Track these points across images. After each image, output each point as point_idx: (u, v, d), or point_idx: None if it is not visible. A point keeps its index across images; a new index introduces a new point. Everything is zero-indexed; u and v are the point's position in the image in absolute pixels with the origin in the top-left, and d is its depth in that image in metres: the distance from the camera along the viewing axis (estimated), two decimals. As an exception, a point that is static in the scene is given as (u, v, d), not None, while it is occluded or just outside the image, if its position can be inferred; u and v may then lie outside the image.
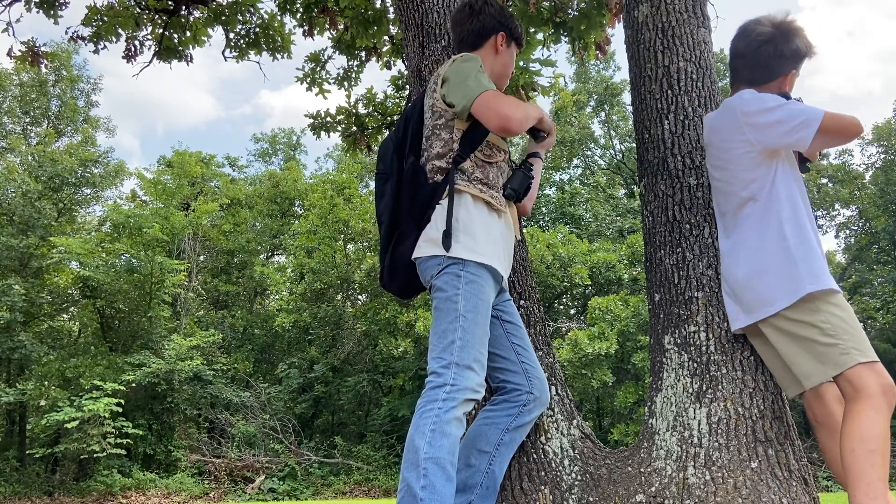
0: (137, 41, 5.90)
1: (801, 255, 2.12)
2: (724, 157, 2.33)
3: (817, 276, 2.09)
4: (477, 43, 2.39)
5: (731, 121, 2.29)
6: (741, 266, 2.23)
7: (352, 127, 6.47)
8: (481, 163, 2.24)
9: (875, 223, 21.04)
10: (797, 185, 2.25)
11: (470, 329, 2.04)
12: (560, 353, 14.72)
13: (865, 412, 1.95)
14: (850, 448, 1.93)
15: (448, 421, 1.95)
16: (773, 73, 2.34)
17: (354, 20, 5.58)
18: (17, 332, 16.73)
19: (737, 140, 2.26)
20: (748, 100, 2.25)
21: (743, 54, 2.38)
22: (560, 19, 5.28)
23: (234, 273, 23.91)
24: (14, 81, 20.54)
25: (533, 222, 22.84)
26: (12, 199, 17.97)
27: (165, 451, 17.06)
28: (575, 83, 25.06)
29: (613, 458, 2.40)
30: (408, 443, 1.97)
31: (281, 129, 33.04)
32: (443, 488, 1.89)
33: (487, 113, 2.12)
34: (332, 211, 19.27)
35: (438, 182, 2.20)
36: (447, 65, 2.27)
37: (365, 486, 16.03)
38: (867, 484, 1.89)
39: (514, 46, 2.46)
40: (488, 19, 2.38)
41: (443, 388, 1.99)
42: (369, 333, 18.90)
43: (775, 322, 2.15)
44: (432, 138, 2.25)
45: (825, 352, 2.04)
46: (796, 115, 2.12)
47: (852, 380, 1.99)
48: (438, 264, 2.12)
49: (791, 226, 2.15)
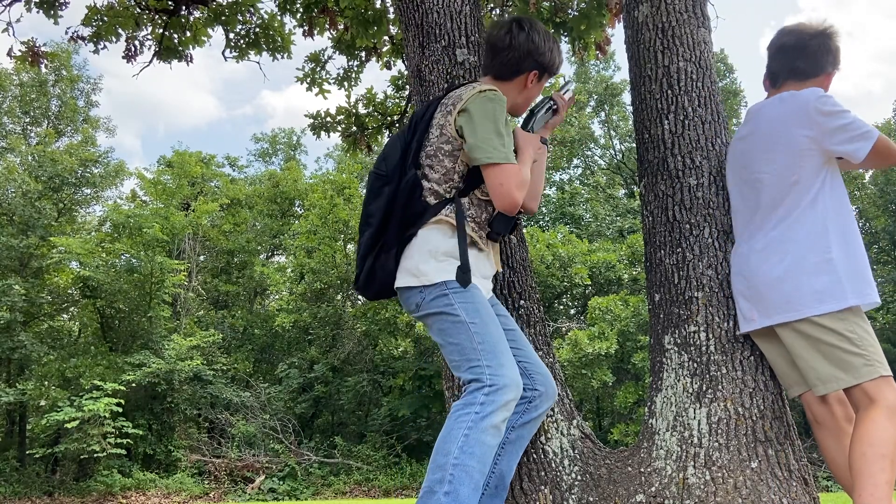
0: (137, 41, 5.90)
1: (844, 265, 2.11)
2: (777, 148, 2.26)
3: (861, 294, 2.10)
4: (507, 76, 2.29)
5: (800, 113, 2.23)
6: (775, 265, 2.19)
7: (352, 127, 6.48)
8: (478, 200, 2.21)
9: (875, 223, 21.04)
10: (844, 195, 2.24)
11: (484, 330, 2.02)
12: (560, 353, 14.72)
13: (879, 419, 1.97)
14: (862, 451, 1.95)
15: (484, 429, 1.90)
16: (819, 66, 2.35)
17: (354, 20, 5.58)
18: (17, 332, 16.73)
19: (799, 134, 2.21)
20: (824, 97, 2.22)
21: (791, 47, 2.37)
22: (560, 19, 5.28)
23: (234, 273, 23.91)
24: (14, 81, 20.54)
25: (533, 222, 22.84)
26: (12, 199, 17.98)
27: (165, 451, 17.06)
28: (575, 83, 25.07)
29: (613, 458, 2.40)
30: (438, 444, 1.93)
31: (281, 129, 33.06)
32: (466, 497, 1.84)
33: (499, 189, 2.07)
34: (332, 211, 19.27)
35: (429, 204, 2.17)
36: (471, 95, 2.16)
37: (365, 486, 16.03)
38: (874, 485, 1.91)
39: (542, 83, 2.36)
40: (525, 56, 2.25)
41: (481, 391, 1.94)
42: (369, 333, 18.90)
43: (799, 326, 2.13)
44: (434, 159, 2.20)
45: (850, 360, 2.05)
46: (861, 126, 2.15)
47: (870, 391, 2.01)
48: (420, 297, 2.10)
49: (837, 235, 2.14)
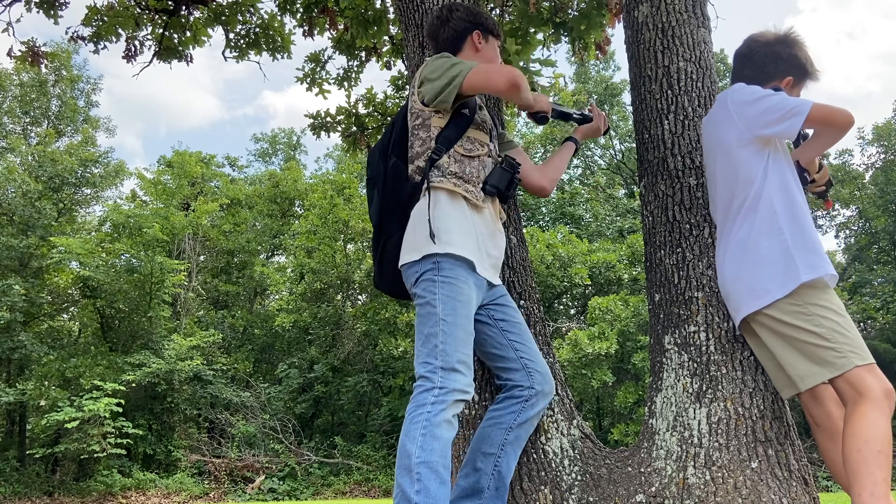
0: (137, 41, 5.91)
1: (797, 245, 2.11)
2: (716, 152, 2.34)
3: (813, 267, 2.08)
4: (456, 47, 2.42)
5: (724, 113, 2.31)
6: (737, 263, 2.21)
7: (352, 127, 6.48)
8: (460, 157, 2.24)
9: (875, 223, 21.05)
10: (791, 174, 2.24)
11: (451, 332, 2.05)
12: (560, 353, 14.72)
13: (870, 413, 1.95)
14: (857, 449, 1.93)
15: (438, 424, 1.95)
16: (766, 74, 2.37)
17: (354, 20, 5.58)
18: (17, 332, 16.72)
19: (729, 132, 2.27)
20: (738, 90, 2.29)
21: (740, 54, 2.45)
22: (560, 19, 5.27)
23: (234, 273, 23.90)
24: (14, 81, 20.53)
25: (533, 222, 22.84)
26: (12, 199, 17.97)
27: (165, 451, 17.07)
28: (575, 83, 25.07)
29: (613, 458, 2.40)
30: (399, 448, 1.98)
31: (281, 130, 33.08)
32: (436, 491, 1.89)
33: (487, 78, 2.14)
34: (332, 211, 19.27)
35: (418, 182, 2.23)
36: (424, 65, 2.29)
37: (365, 486, 16.03)
38: (873, 483, 1.89)
39: (493, 39, 2.48)
40: (459, 23, 2.41)
41: (431, 392, 1.99)
42: (369, 333, 18.90)
43: (768, 323, 2.14)
44: (412, 139, 2.28)
45: (822, 354, 2.04)
46: (784, 104, 2.14)
47: (854, 382, 1.99)
48: (416, 272, 2.14)
49: (786, 216, 2.14)
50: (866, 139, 22.06)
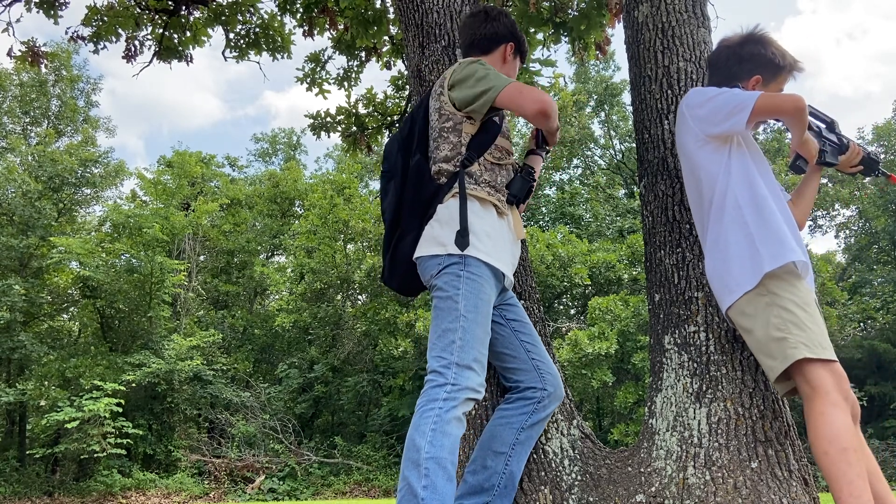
0: (137, 41, 5.91)
1: (761, 236, 2.10)
2: (682, 157, 2.36)
3: (775, 256, 2.07)
4: (488, 48, 2.41)
5: (681, 119, 2.35)
6: (710, 261, 2.24)
7: (352, 127, 6.48)
8: (490, 165, 2.24)
9: (875, 223, 21.06)
10: (758, 166, 2.24)
11: (470, 329, 2.04)
12: (560, 353, 14.72)
13: (826, 410, 1.91)
14: (824, 451, 1.90)
15: (449, 420, 1.95)
16: (729, 75, 2.37)
17: (354, 20, 5.58)
18: (17, 332, 16.73)
19: (687, 136, 2.30)
20: (690, 94, 2.32)
21: (709, 60, 2.50)
22: (560, 19, 5.28)
23: (234, 273, 23.91)
24: (14, 81, 20.54)
25: (533, 222, 22.84)
26: (12, 199, 17.98)
27: (165, 451, 17.07)
28: (575, 83, 25.07)
29: (613, 458, 2.40)
30: (408, 442, 1.97)
31: (281, 130, 33.10)
32: (444, 488, 1.89)
33: (520, 99, 2.12)
34: (332, 211, 19.27)
35: (443, 184, 2.20)
36: (456, 68, 2.27)
37: (365, 486, 16.04)
38: (849, 483, 1.87)
39: (518, 60, 2.49)
40: (502, 27, 2.41)
41: (443, 388, 1.98)
42: (369, 333, 18.90)
43: (739, 320, 2.14)
44: (439, 140, 2.25)
45: (774, 346, 2.02)
46: (731, 100, 2.16)
47: (806, 376, 1.97)
48: (439, 264, 2.11)
49: (750, 208, 2.15)
50: (866, 139, 22.06)
